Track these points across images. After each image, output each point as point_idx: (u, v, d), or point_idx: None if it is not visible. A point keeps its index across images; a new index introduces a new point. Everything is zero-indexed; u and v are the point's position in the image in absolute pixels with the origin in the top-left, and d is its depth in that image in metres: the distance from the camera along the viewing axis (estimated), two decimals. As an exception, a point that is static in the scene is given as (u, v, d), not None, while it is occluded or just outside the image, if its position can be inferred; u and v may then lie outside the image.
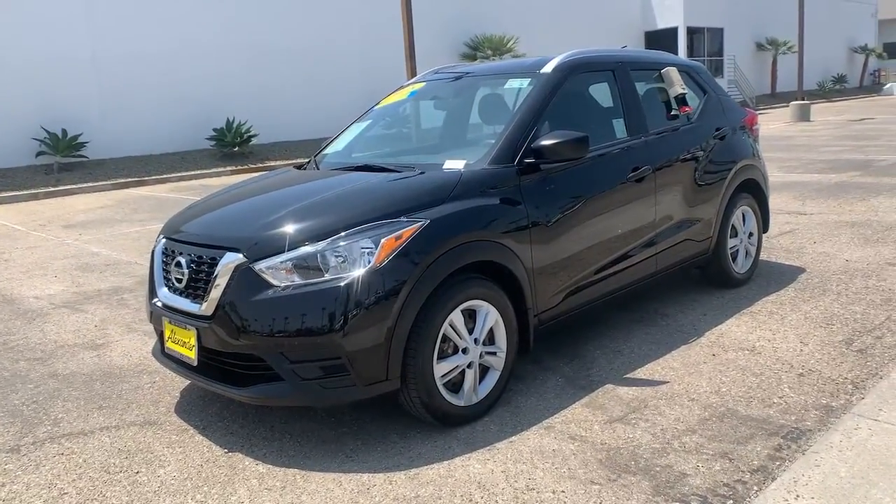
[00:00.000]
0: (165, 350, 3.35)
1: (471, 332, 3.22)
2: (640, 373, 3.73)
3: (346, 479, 2.86)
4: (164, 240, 3.50)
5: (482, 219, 3.27)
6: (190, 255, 3.22)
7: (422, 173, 3.51)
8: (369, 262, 2.92)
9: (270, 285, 2.95)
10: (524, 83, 3.91)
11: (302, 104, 19.96)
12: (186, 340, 3.18)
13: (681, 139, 4.52)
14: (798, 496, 2.48)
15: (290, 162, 17.35)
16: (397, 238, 2.98)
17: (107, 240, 8.74)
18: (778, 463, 2.78)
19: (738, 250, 5.05)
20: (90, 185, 14.46)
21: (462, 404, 3.21)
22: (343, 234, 2.98)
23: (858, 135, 16.48)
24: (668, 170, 4.32)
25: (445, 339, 3.12)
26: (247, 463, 3.05)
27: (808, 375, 3.55)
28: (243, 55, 19.01)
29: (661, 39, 28.42)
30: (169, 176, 15.50)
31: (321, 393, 2.96)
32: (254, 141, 18.01)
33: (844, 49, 41.88)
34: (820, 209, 7.81)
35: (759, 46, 34.39)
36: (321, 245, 2.96)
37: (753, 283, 5.15)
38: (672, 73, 4.58)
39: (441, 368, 3.11)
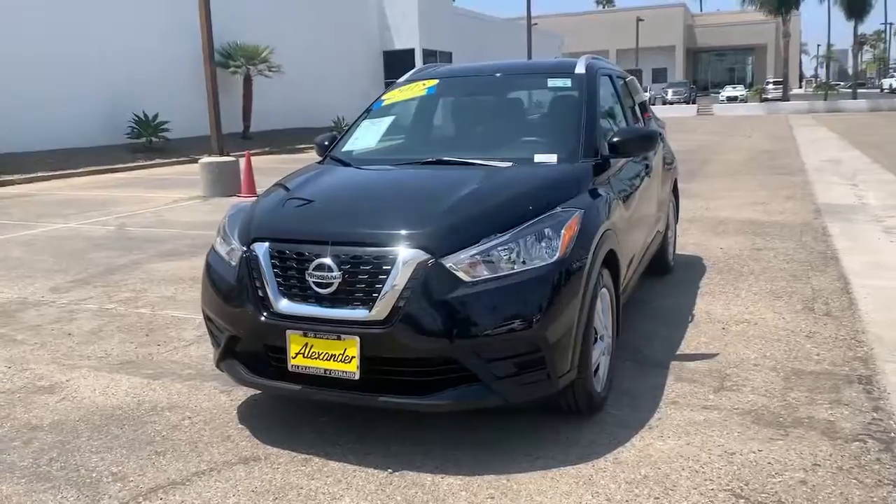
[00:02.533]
0: (291, 368, 2.88)
1: (599, 319, 3.31)
2: (686, 349, 4.10)
3: (555, 476, 2.78)
4: (267, 243, 2.99)
5: (607, 208, 3.39)
6: (338, 255, 2.82)
7: (537, 166, 3.52)
8: (555, 251, 2.88)
9: (460, 281, 2.75)
10: (567, 82, 4.07)
11: (39, 109, 17.19)
12: (338, 353, 2.79)
13: (648, 141, 5.01)
14: (926, 422, 3.04)
15: (28, 176, 14.94)
16: (569, 228, 2.97)
17: None
18: (881, 401, 3.33)
19: (670, 241, 5.72)
20: None
21: (599, 390, 3.28)
22: (525, 225, 2.89)
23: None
24: (652, 169, 4.79)
25: (593, 327, 3.17)
26: (429, 479, 2.79)
27: (815, 336, 4.23)
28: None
29: (399, 59, 29.74)
30: None
31: (515, 390, 2.83)
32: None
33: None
34: (648, 209, 9.01)
35: (478, 71, 37.64)
36: (506, 237, 2.85)
37: (676, 269, 5.86)
38: (635, 82, 5.08)
39: (593, 355, 3.15)
